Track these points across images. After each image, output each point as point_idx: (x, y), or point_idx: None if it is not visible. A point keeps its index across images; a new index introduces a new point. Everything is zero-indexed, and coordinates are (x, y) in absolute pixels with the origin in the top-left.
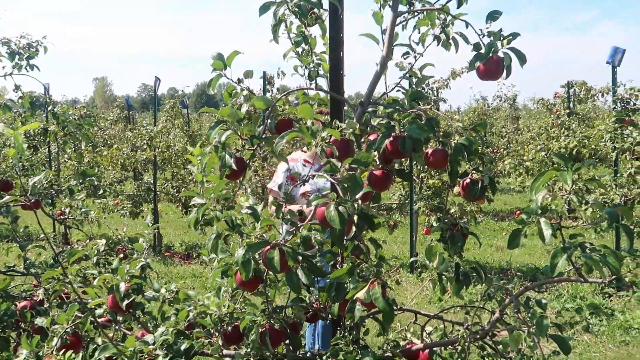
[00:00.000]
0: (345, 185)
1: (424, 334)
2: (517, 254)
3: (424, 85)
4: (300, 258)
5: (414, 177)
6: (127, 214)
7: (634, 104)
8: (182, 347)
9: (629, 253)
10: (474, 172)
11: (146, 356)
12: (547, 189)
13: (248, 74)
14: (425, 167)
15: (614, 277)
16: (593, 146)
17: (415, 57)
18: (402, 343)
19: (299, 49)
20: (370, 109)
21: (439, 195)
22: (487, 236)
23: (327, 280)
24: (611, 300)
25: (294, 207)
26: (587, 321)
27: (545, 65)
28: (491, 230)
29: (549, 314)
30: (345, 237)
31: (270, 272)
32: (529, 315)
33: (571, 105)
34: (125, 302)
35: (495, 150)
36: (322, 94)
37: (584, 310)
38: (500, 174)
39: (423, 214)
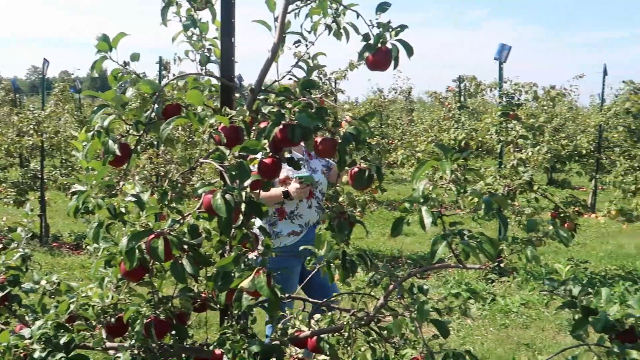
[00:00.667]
0: (233, 173)
1: (312, 321)
2: (408, 242)
3: (321, 76)
4: (185, 247)
5: None
6: (12, 202)
7: (518, 99)
8: (62, 341)
9: (504, 240)
10: (362, 161)
11: (22, 351)
12: (429, 178)
13: (135, 57)
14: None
15: (496, 263)
16: (480, 138)
17: (307, 45)
18: (290, 331)
19: (189, 33)
20: (262, 97)
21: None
22: (381, 225)
23: None
24: (493, 286)
25: (274, 191)
26: (465, 306)
27: (440, 60)
28: (384, 220)
29: (435, 299)
30: (233, 225)
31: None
32: (412, 300)
33: (462, 99)
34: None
35: (390, 142)
36: (213, 80)
37: (463, 295)
38: (395, 165)
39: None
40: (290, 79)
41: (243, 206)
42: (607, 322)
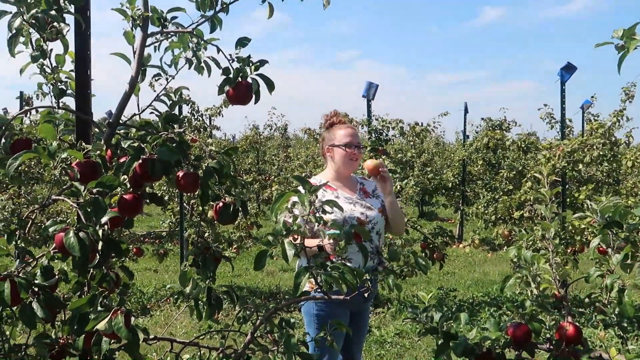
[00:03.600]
0: (88, 210)
1: None
2: (287, 277)
3: (194, 113)
4: (36, 289)
5: (185, 204)
6: None
7: (386, 135)
8: None
9: (365, 270)
10: (227, 195)
11: None
12: (288, 211)
13: None
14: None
15: (358, 292)
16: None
17: (167, 79)
18: None
19: (42, 65)
20: (122, 131)
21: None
22: None
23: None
24: (369, 317)
25: (311, 242)
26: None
27: (315, 98)
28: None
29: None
30: (89, 265)
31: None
32: (280, 335)
33: None
34: None
35: (267, 178)
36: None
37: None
38: (271, 200)
39: (194, 241)
40: (151, 112)
41: (100, 244)
42: (467, 346)
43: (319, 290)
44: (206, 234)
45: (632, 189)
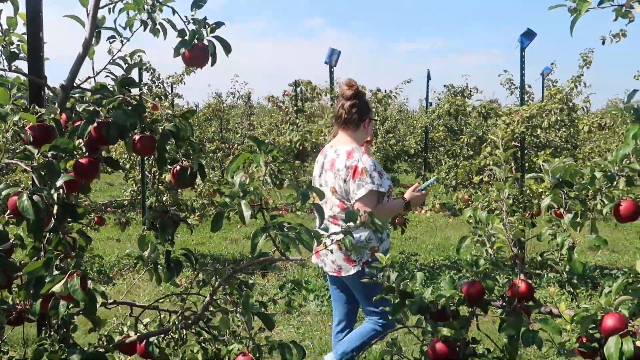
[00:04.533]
0: (42, 173)
1: (141, 326)
2: (250, 244)
3: (155, 80)
4: None
5: (147, 172)
6: None
7: None
8: None
9: (323, 230)
10: (184, 159)
11: None
12: (245, 172)
13: None
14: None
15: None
16: (314, 140)
17: (122, 42)
18: (118, 338)
19: None
20: (77, 95)
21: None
22: (223, 230)
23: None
24: None
25: (395, 203)
26: (289, 297)
27: (280, 66)
28: (226, 223)
29: (277, 297)
30: (45, 229)
31: None
32: (238, 297)
33: (299, 103)
34: None
35: (230, 146)
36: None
37: (286, 287)
38: None
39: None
40: (107, 76)
41: (55, 208)
42: (422, 304)
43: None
44: (164, 198)
45: (589, 154)
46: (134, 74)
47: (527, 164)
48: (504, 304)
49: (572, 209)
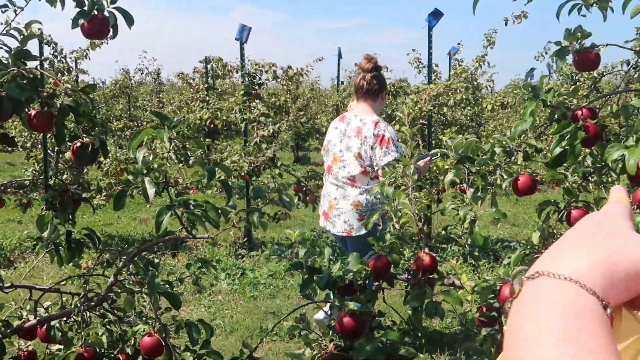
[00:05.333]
0: None
1: (42, 309)
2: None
3: (57, 54)
4: None
5: (50, 151)
6: None
7: (260, 79)
8: None
9: (231, 208)
10: (85, 135)
11: None
12: (148, 148)
13: None
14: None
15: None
16: (225, 118)
17: (15, 11)
18: (16, 322)
19: None
20: None
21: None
22: (131, 209)
23: None
24: (244, 261)
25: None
26: (196, 276)
27: (191, 42)
28: (135, 204)
29: (184, 277)
30: None
31: None
32: (144, 276)
33: (209, 80)
34: None
35: (139, 124)
36: None
37: (194, 265)
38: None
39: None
40: (0, 47)
41: None
42: (330, 279)
43: None
44: (65, 176)
45: (493, 131)
46: (34, 48)
47: (434, 142)
48: (409, 277)
49: (474, 184)
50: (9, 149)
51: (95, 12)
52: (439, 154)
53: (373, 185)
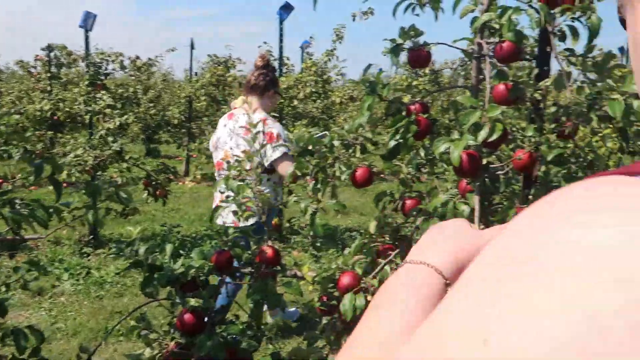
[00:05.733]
0: None
1: None
2: None
3: None
4: None
5: None
6: None
7: (106, 69)
8: None
9: (65, 206)
10: None
11: None
12: None
13: None
14: None
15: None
16: (68, 109)
17: None
18: None
19: None
20: None
21: None
22: None
23: None
24: (89, 259)
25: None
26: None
27: (29, 28)
28: None
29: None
30: None
31: None
32: None
33: (53, 69)
34: None
35: None
36: None
37: (55, 272)
38: None
39: None
40: None
41: None
42: (172, 276)
43: None
44: None
45: (343, 124)
46: None
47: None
48: (252, 270)
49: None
50: None
51: None
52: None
53: (218, 180)
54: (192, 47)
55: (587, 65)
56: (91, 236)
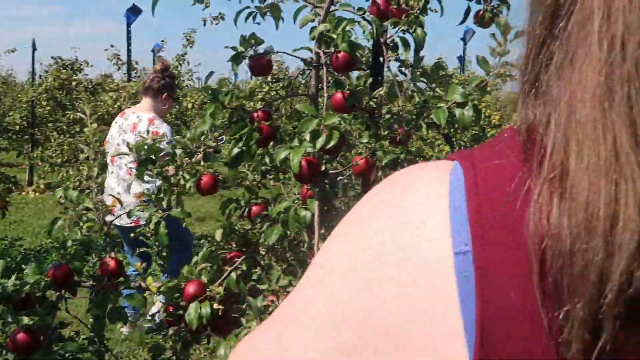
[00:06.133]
0: None
1: None
2: None
3: None
4: None
5: None
6: None
7: None
8: None
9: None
10: None
11: None
12: None
13: None
14: None
15: None
16: None
17: None
18: None
19: None
20: None
21: None
22: None
23: None
24: None
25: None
26: None
27: None
28: None
29: None
30: None
31: None
32: None
33: None
34: None
35: None
36: None
37: None
38: None
39: None
40: None
41: None
42: (3, 294)
43: None
44: None
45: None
46: None
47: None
48: (94, 283)
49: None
50: None
51: None
52: None
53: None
54: (34, 48)
55: (416, 75)
56: None
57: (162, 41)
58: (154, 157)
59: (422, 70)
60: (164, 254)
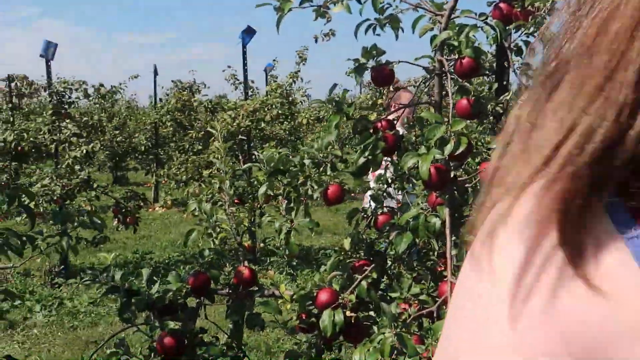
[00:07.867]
0: None
1: None
2: None
3: None
4: None
5: None
6: None
7: (69, 97)
8: None
9: (37, 234)
10: None
11: None
12: None
13: None
14: None
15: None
16: (32, 139)
17: None
18: None
19: None
20: None
21: None
22: None
23: None
24: (61, 290)
25: None
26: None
27: None
28: None
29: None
30: None
31: None
32: None
33: (14, 99)
34: None
35: None
36: None
37: (26, 304)
38: None
39: None
40: None
41: None
42: (149, 301)
43: None
44: None
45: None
46: None
47: (254, 156)
48: (230, 291)
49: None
50: None
51: None
52: None
53: None
54: (156, 73)
55: None
56: (62, 266)
57: (274, 60)
58: (282, 168)
59: None
60: (294, 263)
